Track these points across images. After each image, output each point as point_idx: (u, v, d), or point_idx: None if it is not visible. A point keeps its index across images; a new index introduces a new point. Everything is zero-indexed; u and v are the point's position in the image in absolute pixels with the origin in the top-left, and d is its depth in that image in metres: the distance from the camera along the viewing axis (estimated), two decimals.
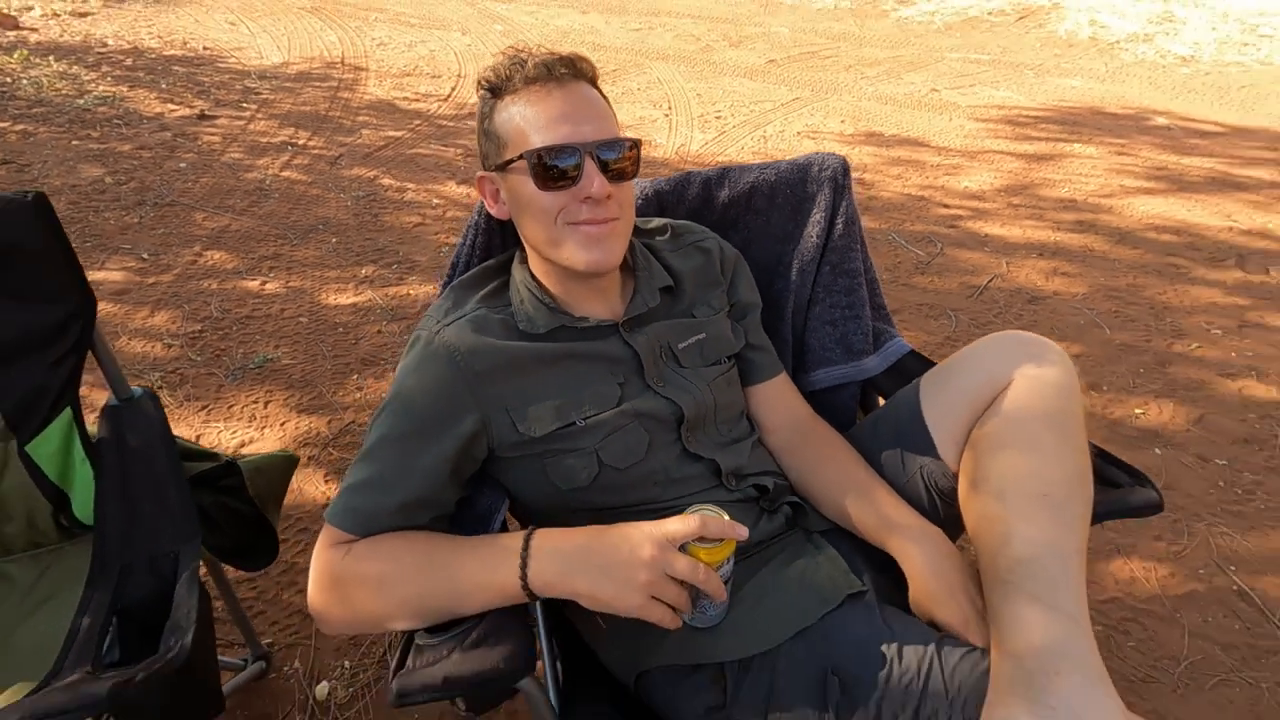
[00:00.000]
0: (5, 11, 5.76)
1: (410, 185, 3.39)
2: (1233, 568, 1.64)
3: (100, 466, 0.90)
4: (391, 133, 4.02)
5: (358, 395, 2.06)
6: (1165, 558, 1.66)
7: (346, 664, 1.36)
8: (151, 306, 2.41)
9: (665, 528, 0.71)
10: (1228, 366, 2.31)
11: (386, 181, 3.43)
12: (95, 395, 1.84)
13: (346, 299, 2.50)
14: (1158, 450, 1.97)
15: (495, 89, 0.84)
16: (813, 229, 1.08)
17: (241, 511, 1.01)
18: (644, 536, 0.71)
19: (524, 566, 0.71)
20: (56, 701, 0.60)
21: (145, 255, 2.70)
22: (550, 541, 0.73)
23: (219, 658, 1.31)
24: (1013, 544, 0.75)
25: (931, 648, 0.75)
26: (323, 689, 1.31)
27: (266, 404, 2.00)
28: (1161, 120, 4.61)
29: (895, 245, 2.99)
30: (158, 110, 4.15)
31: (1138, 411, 2.11)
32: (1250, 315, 2.60)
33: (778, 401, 1.02)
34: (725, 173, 1.10)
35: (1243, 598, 1.57)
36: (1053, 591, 0.71)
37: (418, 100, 4.58)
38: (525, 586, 0.70)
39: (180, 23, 6.12)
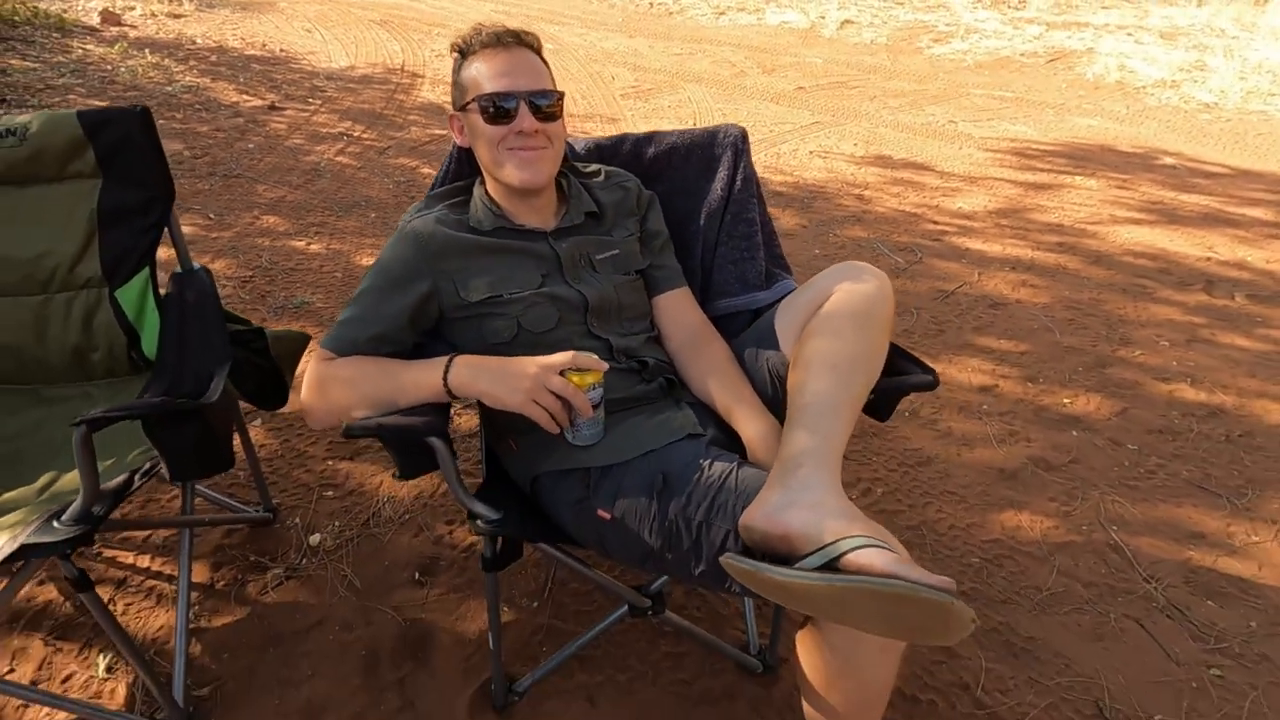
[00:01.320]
0: (111, 10, 6.45)
1: None
2: (1114, 527, 1.84)
3: (165, 313, 1.24)
4: (437, 131, 4.44)
5: None
6: (1054, 514, 1.87)
7: (336, 523, 1.67)
8: (213, 255, 2.81)
9: (549, 357, 1.01)
10: (1164, 372, 2.50)
11: (426, 170, 3.82)
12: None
13: None
14: (1074, 432, 2.17)
15: (462, 50, 1.16)
16: (718, 184, 1.37)
17: (263, 366, 1.33)
18: (530, 360, 1.01)
19: (446, 372, 1.01)
20: (124, 405, 0.92)
21: (211, 215, 3.12)
22: (467, 359, 1.03)
23: (236, 504, 1.65)
24: (803, 396, 1.02)
25: (735, 464, 1.02)
26: (315, 538, 1.63)
27: None
28: (1169, 160, 4.76)
29: (878, 253, 3.24)
30: (234, 100, 4.66)
31: (1065, 401, 2.31)
32: (1202, 332, 2.77)
33: (676, 310, 1.30)
34: (652, 136, 1.40)
35: (1116, 550, 1.77)
36: (817, 423, 0.97)
37: None
38: (445, 385, 1.01)
39: (262, 27, 6.74)
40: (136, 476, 1.06)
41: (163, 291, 1.28)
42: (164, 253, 1.36)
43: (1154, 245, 3.51)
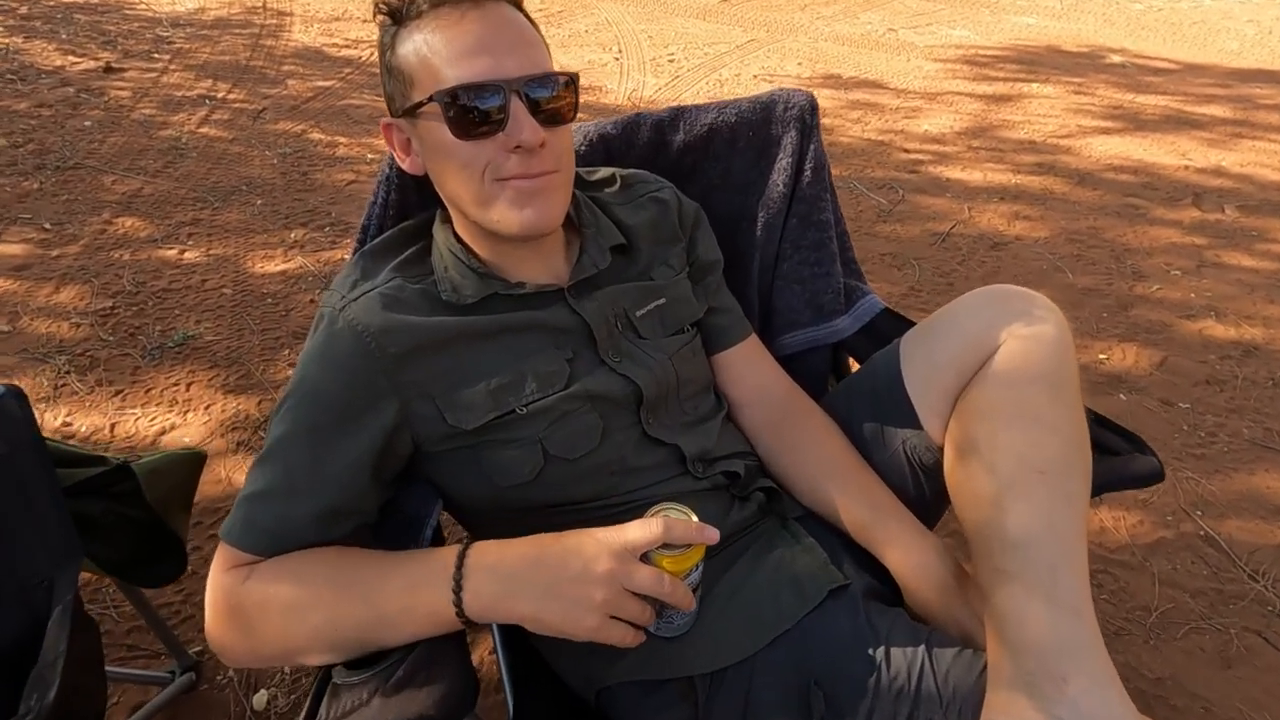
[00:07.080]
0: None
1: (342, 139, 3.16)
2: (1199, 513, 1.63)
3: None
4: (321, 83, 3.74)
5: (289, 372, 1.90)
6: (1134, 506, 1.64)
7: (287, 670, 1.25)
8: (56, 282, 2.19)
9: (625, 535, 0.61)
10: (1188, 308, 2.30)
11: (316, 136, 3.18)
12: None
13: (275, 266, 2.31)
14: (1123, 396, 1.95)
15: (396, 13, 0.69)
16: (778, 177, 0.97)
17: (139, 520, 0.88)
18: (600, 547, 0.60)
19: (458, 588, 0.60)
20: None
21: (48, 225, 2.45)
22: (489, 557, 0.62)
23: (142, 671, 1.20)
24: (1008, 527, 0.67)
25: (922, 649, 0.67)
26: (261, 698, 1.21)
27: (189, 385, 1.84)
28: (1117, 58, 4.57)
29: (857, 193, 2.90)
30: (58, 64, 3.77)
31: (1102, 357, 2.08)
32: (1208, 255, 2.60)
33: (748, 370, 0.92)
34: (680, 114, 0.97)
35: (1209, 543, 1.56)
36: (1053, 580, 0.63)
37: (348, 47, 4.27)
38: (460, 612, 0.59)
39: None
40: None
41: None
42: None
43: (1130, 156, 3.31)
